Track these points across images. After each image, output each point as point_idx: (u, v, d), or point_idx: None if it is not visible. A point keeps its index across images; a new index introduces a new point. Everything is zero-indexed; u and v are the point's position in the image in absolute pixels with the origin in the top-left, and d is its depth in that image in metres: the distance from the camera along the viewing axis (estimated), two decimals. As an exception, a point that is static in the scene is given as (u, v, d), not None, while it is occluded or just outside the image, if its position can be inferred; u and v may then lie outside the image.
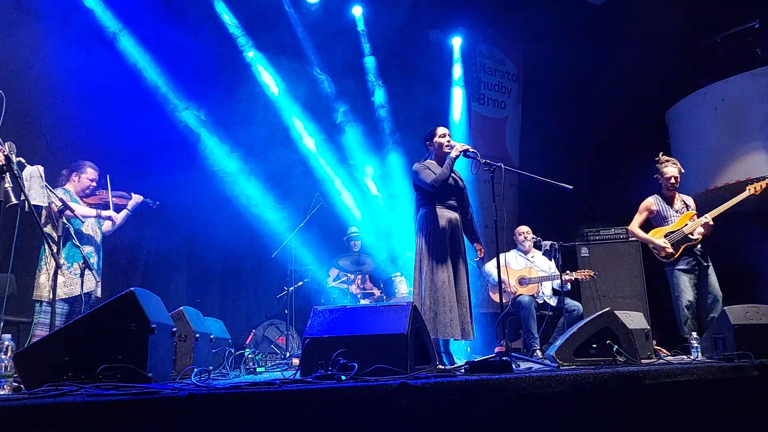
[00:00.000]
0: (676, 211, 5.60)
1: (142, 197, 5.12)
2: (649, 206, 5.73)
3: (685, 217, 5.52)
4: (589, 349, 3.70)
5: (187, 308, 3.80)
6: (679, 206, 5.62)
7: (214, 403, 2.09)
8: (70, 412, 1.91)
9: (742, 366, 3.25)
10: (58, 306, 4.39)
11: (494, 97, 9.52)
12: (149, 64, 6.71)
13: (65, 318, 4.54)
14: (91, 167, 4.97)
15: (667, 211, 5.63)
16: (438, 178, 4.39)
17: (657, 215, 5.69)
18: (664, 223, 5.64)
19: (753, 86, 7.18)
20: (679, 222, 5.53)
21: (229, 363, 4.19)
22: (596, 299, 6.87)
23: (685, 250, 5.46)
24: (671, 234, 5.52)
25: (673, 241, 5.49)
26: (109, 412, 1.95)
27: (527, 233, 6.49)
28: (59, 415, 1.89)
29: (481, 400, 2.52)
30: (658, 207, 5.69)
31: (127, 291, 2.66)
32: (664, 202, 5.67)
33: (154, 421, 1.98)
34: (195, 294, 6.69)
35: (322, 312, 3.24)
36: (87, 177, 4.92)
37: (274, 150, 7.54)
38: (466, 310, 4.34)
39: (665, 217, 5.64)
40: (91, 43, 6.19)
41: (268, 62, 7.70)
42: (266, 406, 2.17)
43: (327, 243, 7.63)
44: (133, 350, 2.56)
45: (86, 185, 4.92)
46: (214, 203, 6.92)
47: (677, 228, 5.50)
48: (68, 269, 4.53)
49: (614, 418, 2.83)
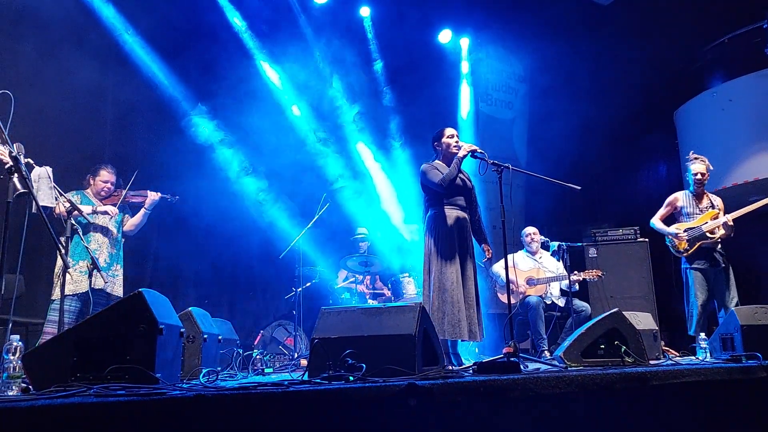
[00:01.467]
0: (701, 210, 5.56)
1: (160, 194, 5.15)
2: (675, 201, 5.73)
3: (707, 216, 5.49)
4: (597, 350, 3.69)
5: (195, 309, 3.81)
6: (706, 205, 5.58)
7: (221, 403, 2.09)
8: (79, 413, 1.91)
9: (749, 367, 3.23)
10: (67, 303, 4.45)
11: (502, 98, 9.51)
12: (155, 63, 6.74)
13: (76, 316, 4.59)
14: (104, 169, 5.03)
15: (693, 208, 5.60)
16: (446, 177, 4.40)
17: (681, 211, 5.67)
18: (687, 220, 5.62)
19: (760, 87, 7.14)
20: (700, 219, 5.51)
21: (237, 364, 4.19)
22: (604, 300, 6.86)
23: (702, 249, 5.44)
24: (690, 230, 5.50)
25: (690, 237, 5.46)
26: (118, 413, 1.96)
27: (535, 234, 6.48)
28: (68, 417, 1.89)
29: (489, 401, 2.52)
30: (683, 203, 5.66)
31: (135, 292, 2.67)
32: (692, 199, 5.64)
33: (162, 422, 1.99)
34: (203, 295, 6.71)
35: (330, 312, 3.24)
36: (100, 179, 4.99)
37: (282, 150, 7.56)
38: (474, 311, 4.33)
39: (689, 214, 5.61)
40: (101, 49, 6.25)
41: (274, 62, 7.70)
42: (274, 407, 2.17)
43: (335, 244, 7.64)
44: (142, 351, 2.57)
45: (100, 187, 4.98)
46: (223, 204, 6.93)
47: (697, 225, 5.48)
48: (73, 267, 4.56)
49: (622, 418, 2.82)
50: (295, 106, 7.90)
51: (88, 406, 1.94)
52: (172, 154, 6.54)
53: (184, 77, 6.92)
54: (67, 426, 1.88)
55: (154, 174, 6.07)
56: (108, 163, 5.12)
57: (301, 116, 7.89)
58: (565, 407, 2.69)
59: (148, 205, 5.11)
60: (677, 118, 8.42)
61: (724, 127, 7.46)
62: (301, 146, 7.88)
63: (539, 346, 5.76)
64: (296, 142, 7.85)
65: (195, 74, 6.94)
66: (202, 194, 6.75)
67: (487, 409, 2.53)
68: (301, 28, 7.82)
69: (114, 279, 4.88)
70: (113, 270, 4.90)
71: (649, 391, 2.87)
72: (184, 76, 6.91)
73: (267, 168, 7.45)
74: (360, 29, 8.33)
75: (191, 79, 6.95)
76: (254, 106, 7.32)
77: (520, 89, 9.70)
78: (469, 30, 9.06)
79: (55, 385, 2.41)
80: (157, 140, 6.58)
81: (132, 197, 5.09)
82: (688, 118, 8.13)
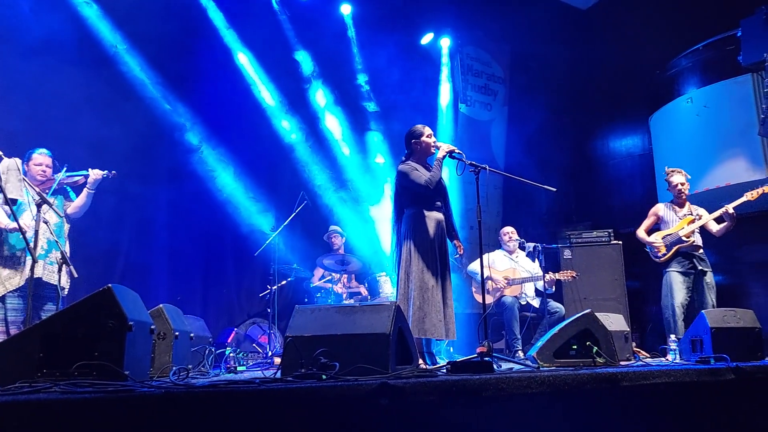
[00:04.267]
0: (679, 218, 5.71)
1: (101, 171, 4.87)
2: (657, 211, 5.91)
3: (684, 222, 5.63)
4: (570, 351, 3.72)
5: (166, 306, 3.75)
6: (685, 213, 5.72)
7: (191, 401, 2.07)
8: (44, 409, 1.87)
9: (718, 369, 3.28)
10: (9, 301, 4.38)
11: (481, 100, 9.54)
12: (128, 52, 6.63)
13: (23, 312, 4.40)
14: (37, 153, 4.70)
15: (672, 217, 5.76)
16: (431, 178, 4.41)
17: (662, 221, 5.83)
18: (666, 228, 5.77)
19: (734, 93, 7.26)
20: (678, 226, 5.66)
21: (210, 362, 4.15)
22: (578, 301, 6.93)
23: (681, 253, 5.59)
24: (667, 236, 5.67)
25: (668, 242, 5.61)
26: (84, 409, 1.92)
27: (512, 233, 6.52)
28: (32, 413, 1.85)
29: (461, 400, 2.52)
30: (664, 213, 5.84)
31: (104, 287, 2.62)
32: (672, 210, 5.80)
33: (130, 420, 1.95)
34: (176, 291, 6.62)
35: (305, 311, 3.22)
36: (34, 163, 4.67)
37: (259, 147, 7.51)
38: (451, 311, 4.40)
39: (668, 222, 5.78)
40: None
41: (253, 55, 7.64)
42: (244, 405, 2.15)
43: (312, 242, 7.61)
44: (110, 347, 2.53)
45: (35, 172, 4.66)
46: (198, 199, 6.86)
47: (674, 231, 5.64)
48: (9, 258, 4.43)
49: (593, 419, 2.85)
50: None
51: (54, 403, 1.90)
52: (143, 146, 6.44)
53: (157, 65, 6.81)
54: (31, 423, 1.83)
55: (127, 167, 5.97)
56: (41, 147, 4.77)
57: (274, 107, 7.81)
58: (537, 407, 2.70)
59: (91, 185, 4.85)
60: (652, 123, 8.52)
61: (697, 132, 7.57)
62: (279, 143, 7.83)
63: (513, 346, 5.79)
64: (275, 139, 7.80)
65: (170, 63, 6.84)
66: (177, 189, 6.68)
67: (460, 408, 2.53)
68: (280, 24, 7.78)
69: (52, 267, 4.57)
70: (51, 257, 4.58)
71: (619, 392, 2.90)
72: (157, 63, 6.80)
73: (243, 163, 7.38)
74: (341, 28, 8.30)
75: (165, 67, 6.84)
76: (233, 102, 7.28)
77: (499, 91, 9.75)
78: (449, 31, 9.09)
79: (19, 381, 2.36)
80: (126, 132, 6.43)
81: (69, 179, 4.79)
82: (663, 123, 8.23)
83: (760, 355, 4.02)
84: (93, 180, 4.86)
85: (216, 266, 7.29)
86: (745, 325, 4.13)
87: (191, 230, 6.78)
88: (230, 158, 7.29)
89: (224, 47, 7.41)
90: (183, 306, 4.25)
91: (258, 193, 7.44)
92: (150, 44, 6.64)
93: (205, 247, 7.08)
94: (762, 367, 3.44)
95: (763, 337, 4.13)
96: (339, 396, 2.29)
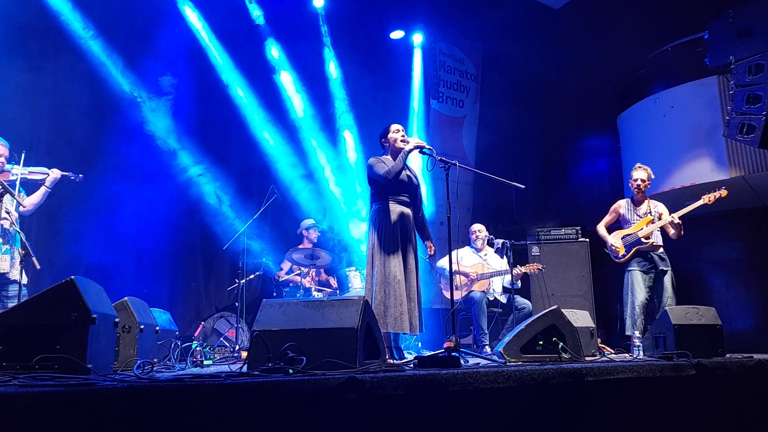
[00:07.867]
0: (639, 217, 5.77)
1: (61, 172, 4.80)
2: (617, 208, 5.97)
3: (643, 222, 5.71)
4: (536, 346, 3.77)
5: (131, 298, 3.70)
6: (645, 211, 5.78)
7: (155, 395, 2.04)
8: (2, 403, 1.83)
9: (680, 365, 3.36)
10: None
11: (453, 96, 9.58)
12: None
13: None
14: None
15: (632, 215, 5.83)
16: (391, 170, 4.43)
17: (623, 218, 5.90)
18: (626, 226, 5.85)
19: (701, 95, 7.40)
20: (637, 226, 5.73)
21: (176, 355, 4.10)
22: (545, 297, 7.01)
23: (641, 253, 5.66)
24: (627, 236, 5.75)
25: (627, 243, 5.69)
26: (44, 403, 1.88)
27: (480, 231, 6.56)
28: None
29: (428, 395, 2.53)
30: (625, 210, 5.89)
31: (67, 279, 2.56)
32: (632, 206, 5.86)
33: (93, 414, 1.92)
34: (143, 284, 6.51)
35: (272, 305, 3.19)
36: None
37: (228, 139, 7.43)
38: (415, 305, 4.41)
39: (628, 220, 5.85)
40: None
41: (224, 49, 7.54)
42: (210, 399, 2.12)
43: (281, 235, 7.56)
44: (73, 340, 2.48)
45: None
46: (166, 191, 6.74)
47: (633, 231, 5.70)
48: None
49: (558, 413, 2.89)
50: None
51: (12, 396, 1.85)
52: (113, 141, 6.32)
53: (128, 61, 6.69)
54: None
55: (93, 157, 5.87)
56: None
57: (247, 104, 7.73)
58: (504, 401, 2.73)
59: (49, 184, 4.74)
60: (620, 123, 8.66)
61: (664, 132, 7.71)
62: (249, 135, 7.75)
63: (481, 341, 5.84)
64: (244, 130, 7.72)
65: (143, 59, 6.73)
66: (144, 181, 6.56)
67: (427, 402, 2.54)
68: (251, 15, 7.70)
69: (9, 257, 4.45)
70: (9, 248, 4.48)
71: (584, 387, 2.94)
72: (129, 59, 6.69)
73: (213, 156, 7.28)
74: (314, 22, 8.24)
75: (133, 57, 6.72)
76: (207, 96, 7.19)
77: (471, 88, 9.80)
78: (422, 27, 9.09)
79: (-23, 374, 2.31)
80: (96, 126, 6.31)
81: (31, 174, 4.68)
82: (631, 122, 8.36)
83: (721, 351, 4.12)
84: (52, 179, 4.76)
85: (184, 259, 7.19)
86: (707, 323, 4.23)
87: (159, 223, 6.66)
88: (199, 151, 7.18)
89: (195, 39, 7.32)
90: (150, 299, 4.19)
91: (227, 186, 7.35)
92: (118, 37, 6.52)
93: (173, 240, 6.96)
94: (722, 362, 3.54)
95: (723, 333, 4.23)
96: (306, 390, 2.28)
